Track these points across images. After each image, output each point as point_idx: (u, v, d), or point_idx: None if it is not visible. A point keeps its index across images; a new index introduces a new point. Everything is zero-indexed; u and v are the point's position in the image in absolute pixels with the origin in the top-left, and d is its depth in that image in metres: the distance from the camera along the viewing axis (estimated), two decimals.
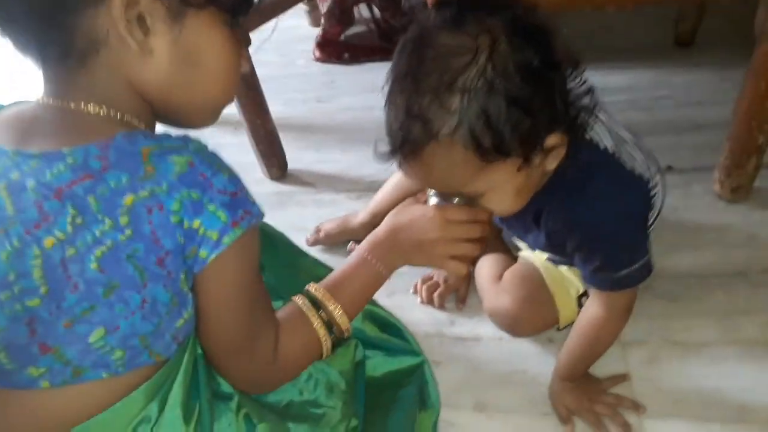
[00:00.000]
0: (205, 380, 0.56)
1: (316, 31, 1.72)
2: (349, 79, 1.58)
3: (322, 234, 1.09)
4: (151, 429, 0.51)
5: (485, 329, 0.92)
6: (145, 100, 0.53)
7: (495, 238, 1.00)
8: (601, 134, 0.69)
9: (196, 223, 0.48)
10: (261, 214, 0.52)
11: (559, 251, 0.79)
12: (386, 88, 0.60)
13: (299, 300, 0.62)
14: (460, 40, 0.55)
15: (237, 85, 0.58)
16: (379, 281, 0.66)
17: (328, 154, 1.34)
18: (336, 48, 1.65)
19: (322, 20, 1.67)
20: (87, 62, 0.49)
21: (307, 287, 0.63)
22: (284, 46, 1.76)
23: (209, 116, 0.58)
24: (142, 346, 0.50)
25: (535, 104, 0.56)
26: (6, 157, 0.48)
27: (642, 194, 0.71)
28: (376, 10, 1.62)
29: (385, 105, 0.60)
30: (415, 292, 1.00)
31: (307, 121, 1.46)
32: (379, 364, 0.73)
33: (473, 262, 0.71)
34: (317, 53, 1.66)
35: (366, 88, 1.52)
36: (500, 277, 0.90)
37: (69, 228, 0.46)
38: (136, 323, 0.49)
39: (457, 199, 0.65)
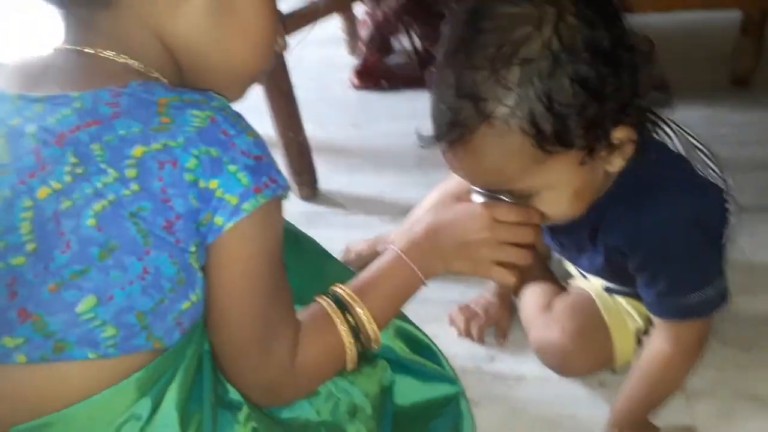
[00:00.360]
0: (211, 382, 0.48)
1: (354, 60, 1.71)
2: (386, 105, 1.54)
3: (352, 255, 1.01)
4: (140, 429, 0.42)
5: (529, 367, 0.83)
6: (172, 57, 0.48)
7: (542, 268, 0.92)
8: (671, 136, 0.62)
9: (214, 183, 0.42)
10: (287, 187, 0.46)
11: (619, 274, 0.70)
12: (435, 67, 0.54)
13: (323, 300, 0.54)
14: (522, 10, 0.49)
15: (271, 56, 0.53)
16: (413, 286, 0.58)
17: (362, 177, 1.28)
18: (375, 76, 1.62)
19: (363, 48, 1.65)
20: (114, 11, 0.45)
21: (333, 287, 0.55)
22: (322, 73, 1.74)
23: (237, 85, 0.53)
24: (139, 326, 0.42)
25: (603, 88, 0.50)
26: (8, 102, 0.44)
27: (717, 202, 0.62)
28: (415, 39, 1.59)
29: (431, 86, 0.54)
30: (451, 323, 0.91)
31: (341, 145, 1.41)
32: (409, 390, 0.63)
33: (521, 276, 0.62)
34: (356, 81, 1.64)
35: (404, 115, 1.47)
36: (549, 306, 0.81)
37: (67, 178, 0.41)
38: (134, 295, 0.42)
39: (506, 198, 0.57)
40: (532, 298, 0.85)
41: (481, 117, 0.50)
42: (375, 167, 1.30)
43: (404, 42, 1.63)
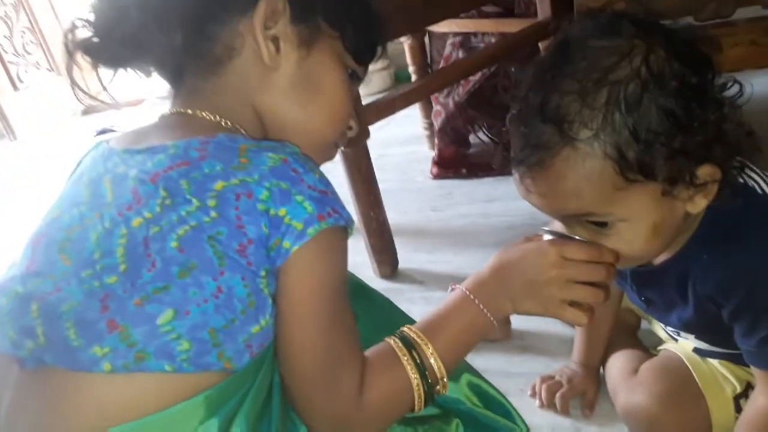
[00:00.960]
0: (279, 415, 0.49)
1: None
2: (465, 191, 1.58)
3: None
4: None
5: None
6: (260, 122, 0.55)
7: (629, 336, 0.88)
8: (759, 182, 0.60)
9: (282, 211, 0.46)
10: (351, 221, 0.50)
11: (712, 328, 0.65)
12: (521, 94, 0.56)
13: (390, 339, 0.55)
14: (613, 42, 0.51)
15: (343, 131, 0.60)
16: (482, 326, 0.57)
17: (441, 255, 1.30)
18: (451, 165, 1.67)
19: (436, 140, 1.71)
20: (218, 70, 0.54)
21: (401, 329, 0.56)
22: (404, 166, 1.82)
23: (312, 152, 0.56)
24: (211, 343, 0.46)
25: (689, 120, 0.50)
26: (116, 156, 0.52)
27: None
28: (484, 129, 1.65)
29: (514, 110, 0.56)
30: (533, 393, 0.87)
31: (421, 227, 1.45)
32: None
33: (593, 316, 0.59)
34: (434, 170, 1.69)
35: (482, 199, 1.51)
36: (636, 371, 0.77)
37: (158, 209, 0.47)
38: (207, 312, 0.45)
39: (577, 237, 0.57)
40: (617, 364, 0.81)
41: (565, 140, 0.51)
42: (453, 247, 1.32)
43: (481, 136, 1.69)
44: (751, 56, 0.80)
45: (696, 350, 0.73)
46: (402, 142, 2.00)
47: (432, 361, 0.54)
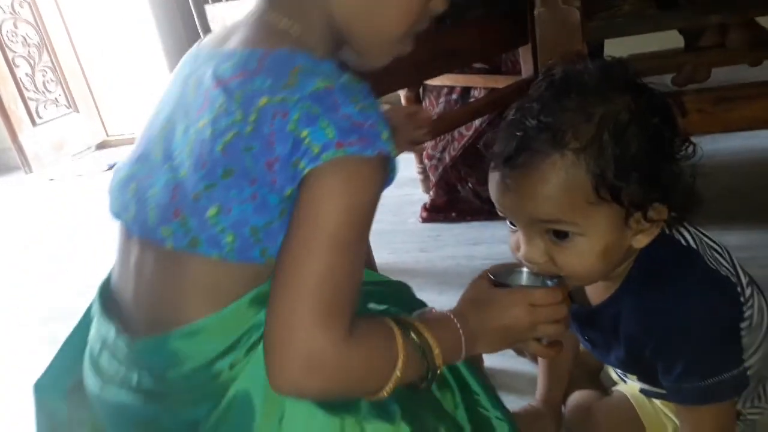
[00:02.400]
0: None
1: (426, 197, 1.84)
2: (453, 233, 1.65)
3: None
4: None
5: None
6: (333, 28, 0.58)
7: (590, 378, 0.94)
8: (685, 234, 0.67)
9: (305, 132, 0.48)
10: (387, 151, 0.50)
11: (642, 367, 0.72)
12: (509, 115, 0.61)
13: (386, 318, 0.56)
14: (607, 80, 0.58)
15: (418, 19, 0.60)
16: (457, 350, 0.58)
17: (425, 295, 1.32)
18: (443, 210, 1.74)
19: (431, 191, 1.78)
20: None
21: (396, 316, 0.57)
22: (398, 208, 1.90)
23: (383, 48, 0.61)
24: (253, 239, 0.51)
25: (659, 163, 0.57)
26: (202, 57, 0.58)
27: (728, 294, 0.65)
28: (471, 180, 1.70)
29: (503, 121, 0.61)
30: None
31: (409, 267, 1.52)
32: None
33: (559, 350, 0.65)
34: (424, 215, 1.76)
35: (469, 242, 1.58)
36: (590, 410, 0.83)
37: (215, 114, 0.51)
38: (247, 212, 0.50)
39: (524, 276, 0.64)
40: (576, 403, 0.87)
41: (556, 147, 0.55)
42: (438, 286, 1.39)
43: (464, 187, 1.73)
44: (699, 123, 0.89)
45: (642, 391, 0.79)
46: (398, 184, 2.08)
47: (428, 338, 0.54)
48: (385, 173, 0.53)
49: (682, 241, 0.66)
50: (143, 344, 0.55)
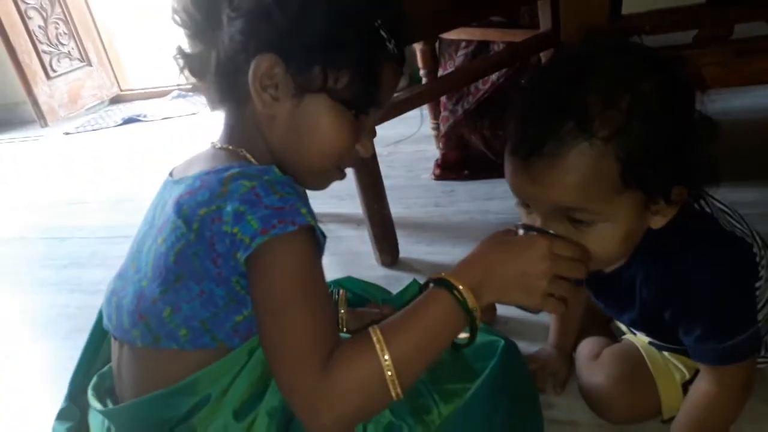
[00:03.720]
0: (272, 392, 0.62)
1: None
2: (467, 189, 1.67)
3: None
4: (212, 409, 0.61)
5: (585, 416, 0.86)
6: (273, 157, 0.66)
7: (601, 326, 0.96)
8: (704, 205, 0.68)
9: (236, 229, 0.56)
10: (307, 222, 0.56)
11: (657, 327, 0.74)
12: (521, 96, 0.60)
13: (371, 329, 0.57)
14: (632, 59, 0.56)
15: (341, 158, 0.67)
16: (457, 315, 0.57)
17: (439, 247, 1.40)
18: (455, 168, 1.73)
19: (440, 144, 1.78)
20: (240, 111, 0.66)
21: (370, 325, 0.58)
22: (412, 163, 1.91)
23: (313, 178, 0.69)
24: (203, 330, 0.61)
25: (685, 145, 0.56)
26: (172, 184, 0.66)
27: (743, 255, 0.66)
28: (486, 134, 1.69)
29: (515, 107, 0.60)
30: None
31: (423, 221, 1.54)
32: None
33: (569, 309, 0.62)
34: (436, 172, 1.76)
35: (483, 197, 1.60)
36: (599, 355, 0.85)
37: (168, 230, 0.61)
38: (195, 308, 0.60)
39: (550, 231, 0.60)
40: (586, 349, 0.89)
41: (583, 135, 0.53)
42: (451, 240, 1.42)
43: (476, 139, 1.72)
44: (719, 76, 0.89)
45: (651, 344, 0.82)
46: (412, 140, 2.09)
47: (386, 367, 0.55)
48: (314, 239, 0.59)
49: (696, 206, 0.66)
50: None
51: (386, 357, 0.54)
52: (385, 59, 0.63)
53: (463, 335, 0.61)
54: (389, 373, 0.54)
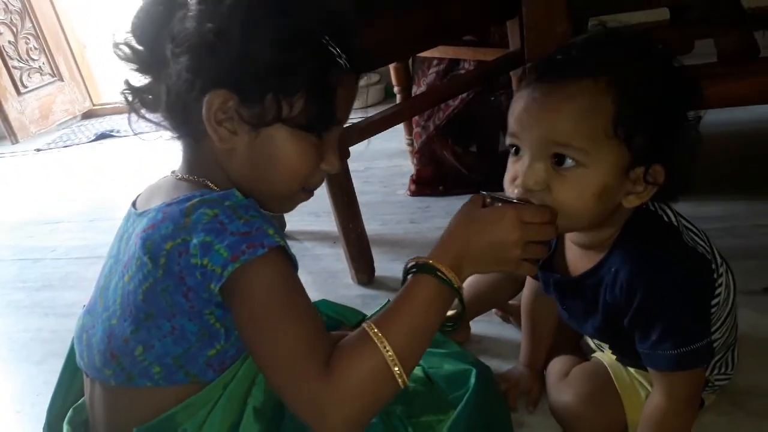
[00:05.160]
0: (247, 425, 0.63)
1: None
2: (442, 205, 1.69)
3: None
4: None
5: None
6: (235, 183, 0.65)
7: (571, 345, 0.99)
8: (667, 212, 0.71)
9: (206, 261, 0.56)
10: (275, 243, 0.57)
11: (618, 336, 0.76)
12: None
13: (365, 323, 0.59)
14: (649, 41, 0.65)
15: (303, 181, 0.67)
16: (444, 295, 0.59)
17: None
18: (430, 184, 1.75)
19: (414, 160, 1.79)
20: (197, 145, 0.65)
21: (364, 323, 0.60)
22: (388, 179, 1.93)
23: (280, 205, 0.69)
24: (176, 366, 0.61)
25: (676, 120, 0.62)
26: (135, 216, 0.66)
27: (704, 271, 0.69)
28: (458, 150, 1.71)
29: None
30: None
31: (399, 238, 1.56)
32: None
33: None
34: (412, 188, 1.77)
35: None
36: (568, 373, 0.88)
37: (134, 268, 0.60)
38: (167, 345, 0.60)
39: (515, 199, 0.64)
40: (556, 367, 0.92)
41: (590, 71, 0.60)
42: None
43: (448, 154, 1.73)
44: None
45: (617, 359, 0.84)
46: (388, 155, 2.12)
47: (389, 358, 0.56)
48: (286, 256, 0.59)
49: (665, 218, 0.70)
50: None
51: (387, 347, 0.56)
52: (339, 75, 0.62)
53: (451, 312, 0.64)
54: (393, 362, 0.56)
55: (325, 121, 0.63)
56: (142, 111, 0.66)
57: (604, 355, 0.87)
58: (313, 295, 1.02)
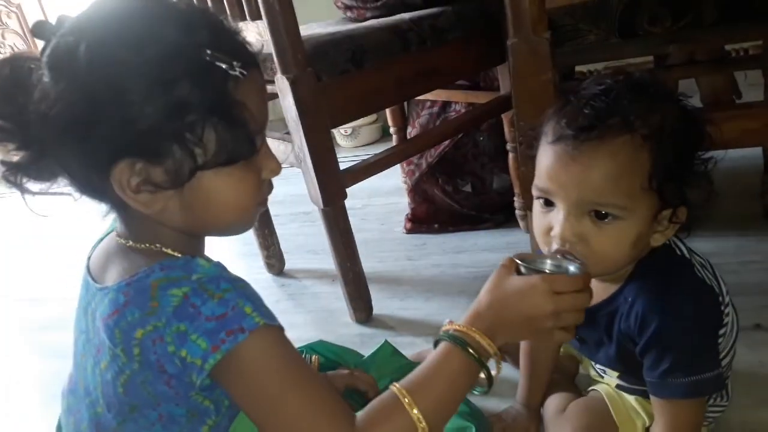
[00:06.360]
0: None
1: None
2: (438, 242, 1.71)
3: None
4: None
5: None
6: (186, 232, 0.62)
7: (567, 381, 1.01)
8: (680, 245, 0.75)
9: (183, 352, 0.53)
10: (256, 324, 0.54)
11: (629, 363, 0.78)
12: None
13: (393, 385, 0.59)
14: (664, 89, 0.68)
15: (252, 206, 0.63)
16: (473, 370, 0.60)
17: (412, 302, 1.43)
18: (425, 221, 1.78)
19: (408, 199, 1.82)
20: (127, 211, 0.60)
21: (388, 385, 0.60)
22: (385, 216, 1.96)
23: (237, 229, 0.64)
24: None
25: (699, 167, 0.66)
26: (94, 290, 0.61)
27: (714, 302, 0.72)
28: (448, 188, 1.75)
29: (567, 101, 0.68)
30: None
31: (396, 275, 1.58)
32: None
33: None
34: (407, 226, 1.80)
35: (453, 250, 1.65)
36: (565, 409, 0.89)
37: (108, 357, 0.58)
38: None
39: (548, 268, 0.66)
40: (553, 404, 0.93)
41: (628, 127, 0.62)
42: (424, 294, 1.45)
43: (438, 192, 1.77)
44: None
45: (618, 386, 0.86)
46: (385, 193, 2.16)
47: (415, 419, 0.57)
48: (273, 329, 0.56)
49: (677, 251, 0.74)
50: None
51: (416, 411, 0.56)
52: (237, 83, 0.55)
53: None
54: (422, 425, 0.56)
55: (245, 144, 0.56)
56: (39, 186, 0.58)
57: (603, 385, 0.88)
58: (312, 334, 1.05)
